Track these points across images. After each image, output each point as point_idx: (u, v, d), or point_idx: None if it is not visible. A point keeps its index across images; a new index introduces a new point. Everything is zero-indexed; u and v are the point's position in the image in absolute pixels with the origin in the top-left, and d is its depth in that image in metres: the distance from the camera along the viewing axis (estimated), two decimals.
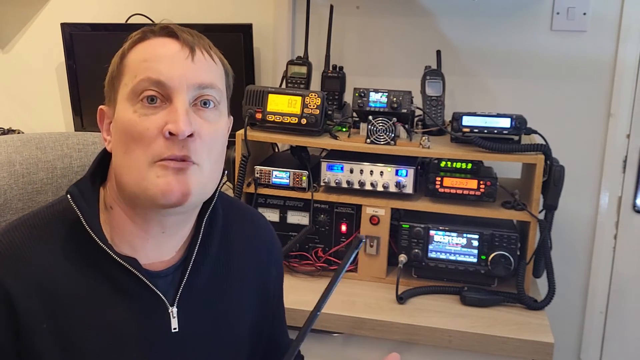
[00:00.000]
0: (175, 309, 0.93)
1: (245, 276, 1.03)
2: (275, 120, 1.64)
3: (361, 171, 1.60)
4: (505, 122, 1.55)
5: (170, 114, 0.86)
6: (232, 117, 1.01)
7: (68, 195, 0.89)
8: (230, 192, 1.74)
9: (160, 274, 0.93)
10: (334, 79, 1.83)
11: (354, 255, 0.89)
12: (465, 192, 1.58)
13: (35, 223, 0.90)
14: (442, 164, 1.61)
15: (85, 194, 0.91)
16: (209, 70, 0.91)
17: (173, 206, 0.88)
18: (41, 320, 0.86)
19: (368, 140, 1.60)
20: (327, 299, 0.91)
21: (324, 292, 0.90)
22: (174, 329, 0.93)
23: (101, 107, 0.95)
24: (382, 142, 1.59)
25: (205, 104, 0.90)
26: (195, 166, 0.88)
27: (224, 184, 1.00)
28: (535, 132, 1.60)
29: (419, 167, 1.68)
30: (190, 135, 0.86)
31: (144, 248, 0.92)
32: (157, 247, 0.94)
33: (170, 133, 0.85)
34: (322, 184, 1.64)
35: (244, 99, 1.66)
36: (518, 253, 1.55)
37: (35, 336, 0.85)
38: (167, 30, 0.91)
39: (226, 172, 1.00)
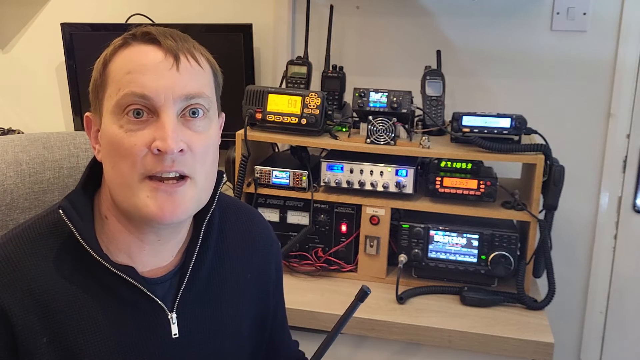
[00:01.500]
0: (174, 315, 0.93)
1: (244, 277, 1.03)
2: (275, 120, 1.64)
3: (361, 171, 1.60)
4: (505, 122, 1.55)
5: (158, 130, 0.83)
6: (223, 114, 0.98)
7: (60, 211, 0.88)
8: (230, 192, 1.74)
9: (158, 281, 0.93)
10: (334, 79, 1.83)
11: (357, 307, 0.88)
12: (465, 192, 1.58)
13: (29, 236, 0.89)
14: (442, 164, 1.61)
15: (77, 206, 0.89)
16: (196, 78, 0.88)
17: (167, 224, 0.88)
18: (41, 334, 0.85)
19: (368, 140, 1.60)
20: (328, 348, 0.90)
21: (325, 340, 0.89)
22: (175, 334, 0.92)
23: (87, 114, 0.92)
24: (382, 142, 1.59)
25: (194, 113, 0.87)
26: (189, 180, 0.86)
27: (223, 184, 1.00)
28: (535, 132, 1.60)
29: (419, 167, 1.68)
30: (181, 151, 0.84)
31: (140, 256, 0.92)
32: (154, 254, 0.93)
33: (158, 150, 0.83)
34: (322, 184, 1.64)
35: (244, 99, 1.66)
36: (518, 253, 1.55)
37: (36, 351, 0.84)
38: (149, 37, 0.87)
39: (224, 174, 0.99)
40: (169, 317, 0.92)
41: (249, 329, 1.04)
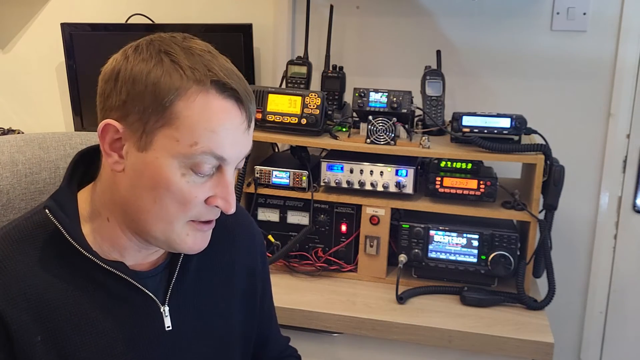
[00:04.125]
0: (167, 308, 0.94)
1: (232, 269, 1.04)
2: (275, 120, 1.64)
3: (361, 171, 1.60)
4: (505, 122, 1.55)
5: (220, 186, 0.86)
6: None
7: (47, 211, 0.88)
8: None
9: (148, 274, 0.94)
10: (334, 79, 1.83)
11: None
12: (465, 192, 1.58)
13: (16, 236, 0.89)
14: (442, 164, 1.61)
15: (64, 206, 0.89)
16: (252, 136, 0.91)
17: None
18: (34, 333, 0.85)
19: (368, 140, 1.60)
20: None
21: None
22: (168, 327, 0.93)
23: (110, 122, 0.84)
24: (382, 142, 1.59)
25: None
26: None
27: None
28: (535, 132, 1.60)
29: (419, 167, 1.68)
30: None
31: (130, 251, 0.92)
32: (145, 253, 0.94)
33: (216, 206, 0.87)
34: (322, 184, 1.64)
35: None
36: (518, 253, 1.55)
37: (31, 351, 0.85)
38: (234, 94, 0.84)
39: None
40: (162, 310, 0.93)
41: (240, 320, 1.05)
